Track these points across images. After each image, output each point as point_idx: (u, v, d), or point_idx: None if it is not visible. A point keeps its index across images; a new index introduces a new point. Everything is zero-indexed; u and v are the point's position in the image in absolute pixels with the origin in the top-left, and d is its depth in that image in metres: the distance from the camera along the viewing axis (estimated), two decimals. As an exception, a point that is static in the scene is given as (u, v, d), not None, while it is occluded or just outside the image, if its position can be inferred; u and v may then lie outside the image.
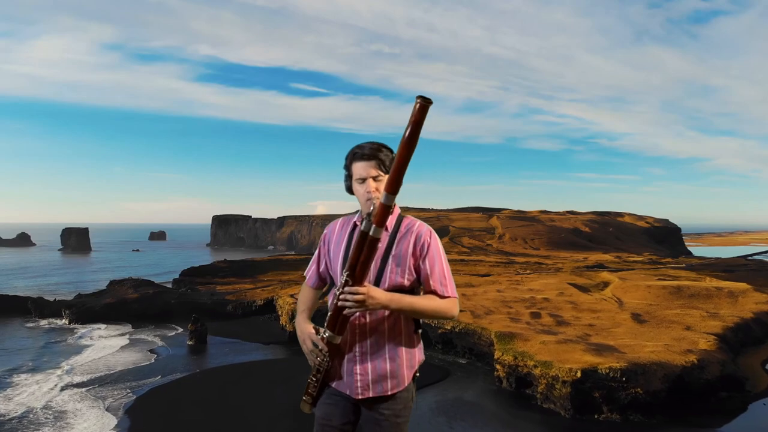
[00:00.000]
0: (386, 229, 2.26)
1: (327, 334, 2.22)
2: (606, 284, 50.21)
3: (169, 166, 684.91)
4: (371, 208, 2.20)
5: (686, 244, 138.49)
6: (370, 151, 2.27)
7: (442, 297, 2.28)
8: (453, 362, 32.35)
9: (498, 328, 31.70)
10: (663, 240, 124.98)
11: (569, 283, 49.83)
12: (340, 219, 2.50)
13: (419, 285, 2.31)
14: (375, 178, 2.27)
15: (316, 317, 2.32)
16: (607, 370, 23.95)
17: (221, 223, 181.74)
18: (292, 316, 38.19)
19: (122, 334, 40.92)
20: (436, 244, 2.31)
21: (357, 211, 2.42)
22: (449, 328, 33.84)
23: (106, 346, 37.43)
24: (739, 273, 64.42)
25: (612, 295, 44.90)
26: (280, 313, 41.49)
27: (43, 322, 44.72)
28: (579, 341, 28.78)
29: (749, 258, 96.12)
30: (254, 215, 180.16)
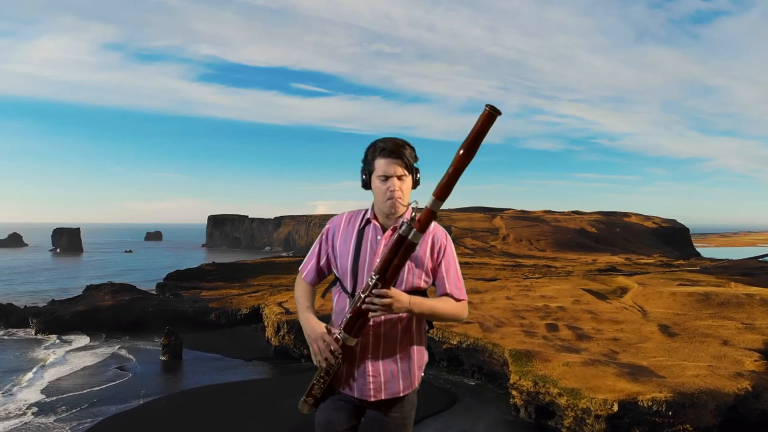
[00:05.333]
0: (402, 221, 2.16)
1: (342, 336, 2.14)
2: (624, 290, 46.18)
3: (170, 166, 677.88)
4: (392, 207, 2.19)
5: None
6: (396, 148, 2.17)
7: (457, 300, 2.28)
8: (460, 384, 28.25)
9: (512, 344, 27.63)
10: (670, 241, 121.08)
11: (584, 289, 45.79)
12: (346, 213, 2.39)
13: (432, 286, 2.33)
14: (399, 177, 2.18)
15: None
16: (650, 402, 19.86)
17: (217, 223, 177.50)
18: (278, 329, 34.07)
19: (89, 348, 36.82)
20: (452, 248, 2.32)
21: (366, 208, 2.35)
22: (455, 343, 29.74)
23: (68, 361, 33.34)
24: (761, 276, 60.58)
25: (633, 303, 40.82)
26: (266, 323, 37.33)
27: (3, 332, 40.53)
28: (608, 362, 24.68)
29: (761, 259, 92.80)
30: (255, 215, 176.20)
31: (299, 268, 2.42)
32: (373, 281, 2.05)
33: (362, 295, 2.07)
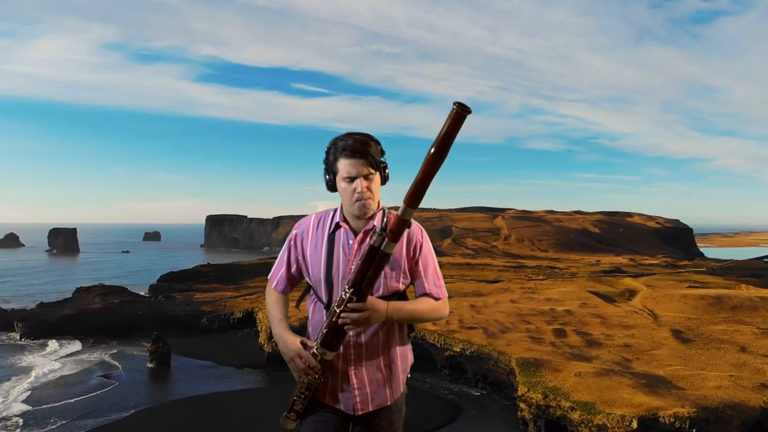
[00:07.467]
0: (374, 229, 2.04)
1: (320, 351, 2.00)
2: (631, 292, 44.64)
3: (170, 166, 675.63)
4: (360, 210, 2.04)
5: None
6: (359, 146, 2.01)
7: (436, 299, 2.17)
8: (463, 394, 26.67)
9: (518, 352, 26.06)
10: (673, 241, 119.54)
11: (590, 292, 44.24)
12: (312, 217, 2.21)
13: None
14: (366, 177, 2.03)
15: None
16: (672, 418, 18.28)
17: (215, 223, 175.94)
18: (272, 335, 32.46)
19: (75, 354, 35.23)
20: (428, 244, 2.19)
21: (335, 208, 2.17)
22: (459, 350, 28.16)
23: (52, 369, 31.74)
24: (770, 278, 59.11)
25: (643, 306, 39.24)
26: (259, 328, 35.76)
27: (-12, 338, 39.01)
28: (623, 372, 23.08)
29: (766, 260, 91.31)
30: (254, 215, 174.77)
31: (268, 277, 2.25)
32: (348, 295, 1.93)
33: (337, 310, 1.94)
